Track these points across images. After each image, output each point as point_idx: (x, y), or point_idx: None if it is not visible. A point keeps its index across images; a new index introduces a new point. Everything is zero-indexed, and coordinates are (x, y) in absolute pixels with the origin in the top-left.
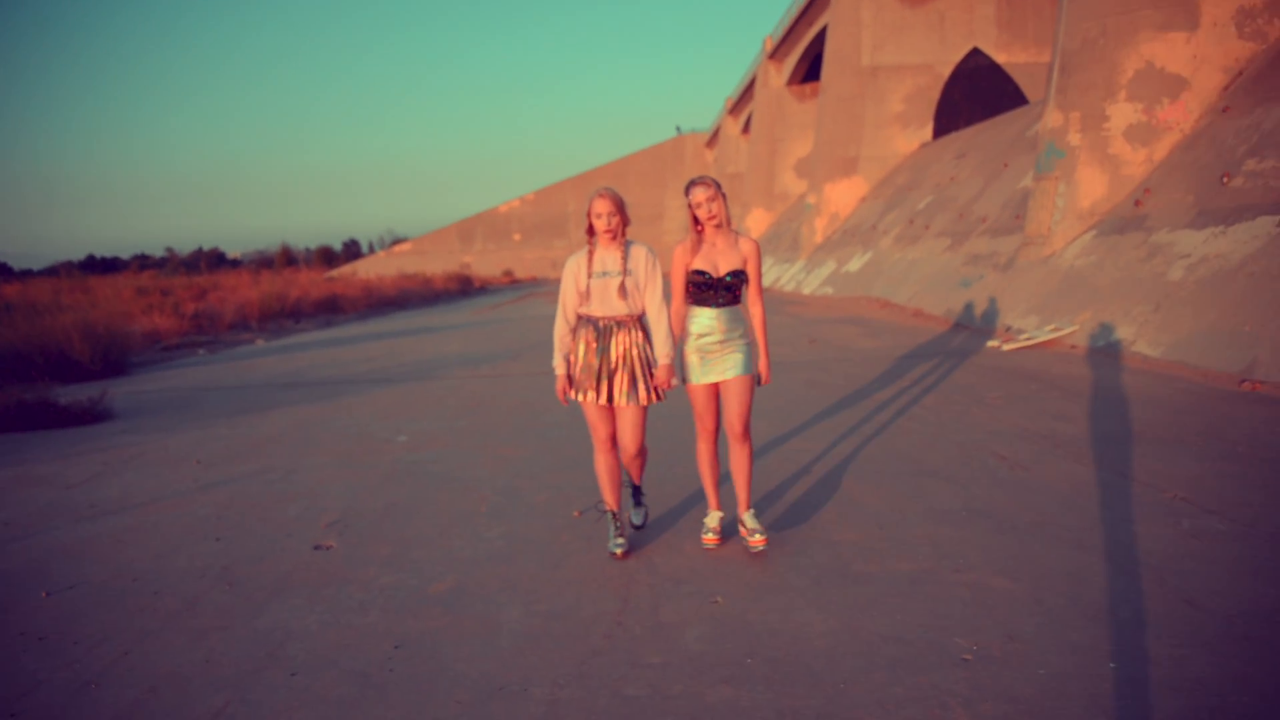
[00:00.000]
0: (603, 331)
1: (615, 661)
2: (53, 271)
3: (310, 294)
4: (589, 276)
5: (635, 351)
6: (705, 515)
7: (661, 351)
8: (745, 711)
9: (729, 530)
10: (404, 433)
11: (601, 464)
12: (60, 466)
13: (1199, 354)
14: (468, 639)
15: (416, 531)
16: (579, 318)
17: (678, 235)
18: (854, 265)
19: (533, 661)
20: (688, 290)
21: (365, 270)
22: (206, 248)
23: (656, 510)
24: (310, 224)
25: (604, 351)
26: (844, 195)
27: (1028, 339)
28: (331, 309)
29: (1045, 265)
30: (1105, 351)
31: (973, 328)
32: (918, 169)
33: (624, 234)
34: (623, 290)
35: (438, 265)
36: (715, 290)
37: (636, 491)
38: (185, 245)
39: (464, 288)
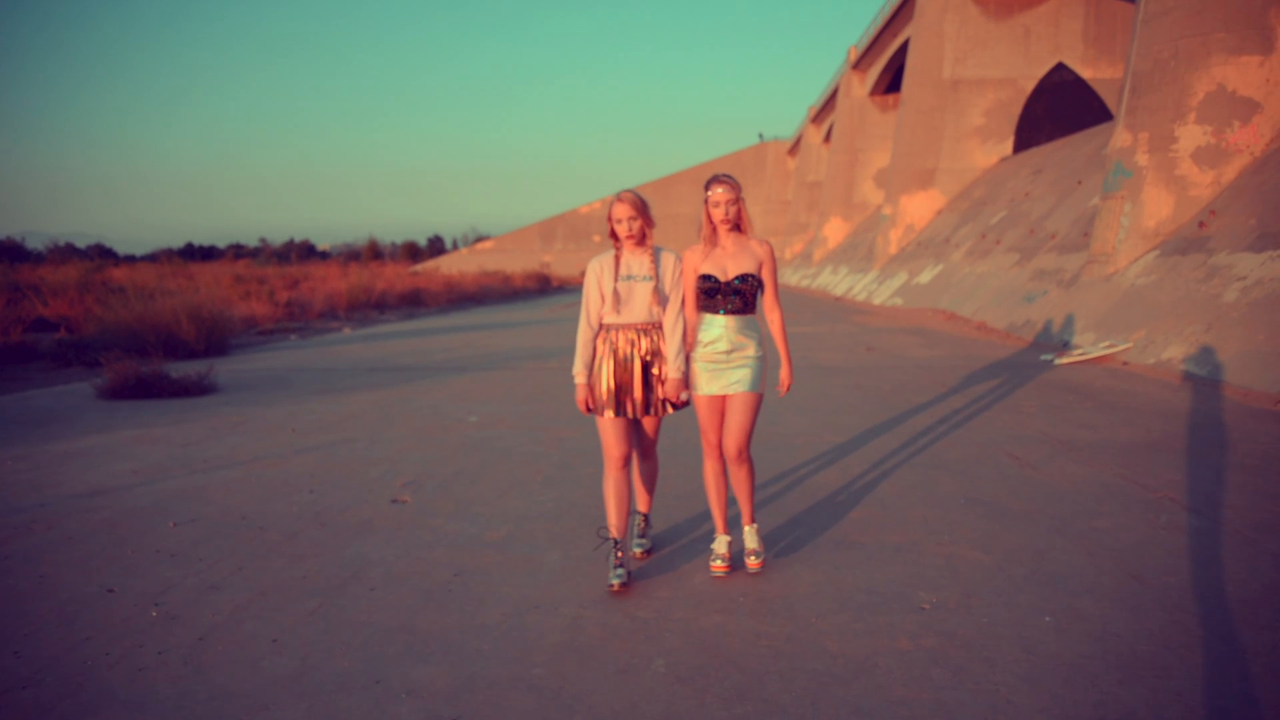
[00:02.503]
0: (625, 341)
1: (632, 593)
2: (153, 258)
3: (395, 287)
4: (615, 280)
5: (661, 362)
6: (713, 540)
7: (674, 364)
8: (730, 634)
9: (739, 558)
10: (475, 414)
11: (611, 485)
12: (174, 429)
13: (1242, 374)
14: (514, 572)
15: (479, 493)
16: (602, 326)
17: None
18: (924, 277)
19: (564, 590)
20: (696, 296)
21: (448, 266)
22: (297, 239)
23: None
24: (397, 219)
25: (629, 361)
26: (920, 208)
27: (1081, 354)
28: (414, 302)
29: (1107, 283)
30: (1153, 369)
31: (1032, 342)
32: (994, 183)
33: (650, 238)
34: (655, 295)
35: (518, 264)
36: (724, 296)
37: (644, 520)
38: (277, 236)
39: (542, 286)
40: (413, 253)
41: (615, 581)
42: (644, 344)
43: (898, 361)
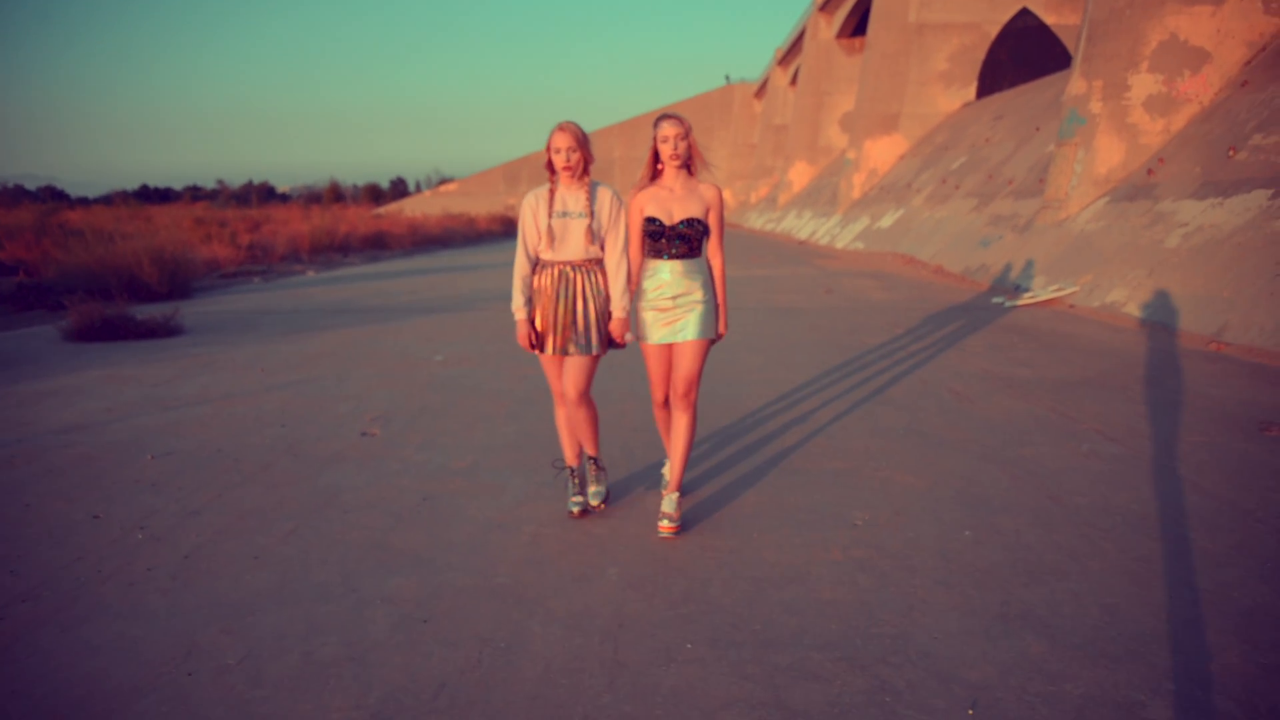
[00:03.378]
0: (560, 277)
1: (589, 516)
2: (107, 200)
3: (358, 230)
4: (550, 216)
5: (597, 299)
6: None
7: (617, 303)
8: (677, 547)
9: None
10: (440, 353)
11: (560, 416)
12: (144, 369)
13: (1180, 317)
14: (479, 497)
15: (445, 426)
16: (538, 261)
17: (722, 185)
18: (886, 222)
19: (526, 512)
20: (641, 239)
21: (411, 209)
22: (256, 181)
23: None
24: (358, 161)
25: (562, 299)
26: (884, 152)
27: (1031, 297)
28: (378, 245)
29: (1059, 228)
30: (1098, 311)
31: (985, 285)
32: (956, 129)
33: (587, 173)
34: (589, 233)
35: (482, 206)
36: (668, 240)
37: (595, 464)
38: (235, 178)
39: (507, 229)
40: (375, 195)
41: (574, 508)
42: (579, 281)
43: (855, 304)
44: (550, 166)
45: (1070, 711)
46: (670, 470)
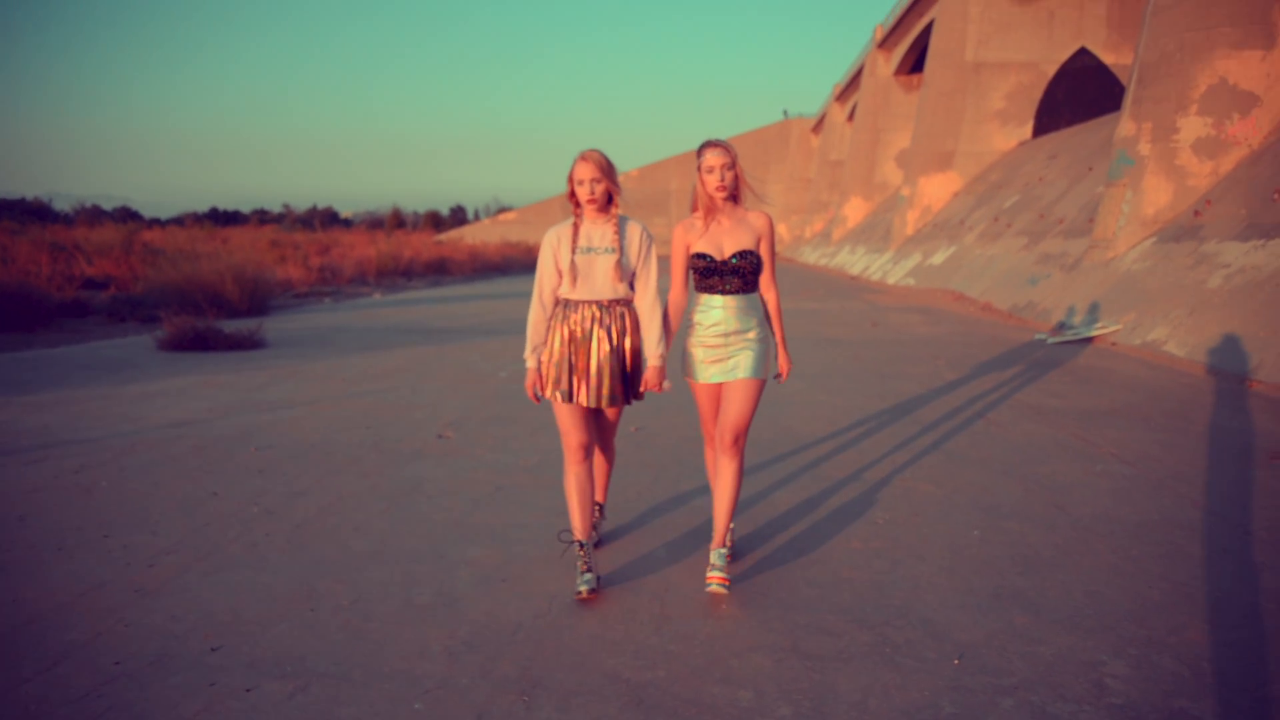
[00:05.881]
0: (584, 319)
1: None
2: (179, 221)
3: (421, 255)
4: (573, 252)
5: (627, 343)
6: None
7: (653, 351)
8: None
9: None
10: (504, 370)
11: (573, 480)
12: (236, 376)
13: (1217, 355)
14: (544, 489)
15: (514, 432)
16: (557, 301)
17: (776, 219)
18: (938, 259)
19: None
20: (690, 276)
21: (471, 236)
22: (320, 206)
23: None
24: (418, 188)
25: (585, 343)
26: (938, 189)
27: (1073, 334)
28: (440, 270)
29: (1106, 268)
30: (1139, 349)
31: (1031, 322)
32: (1011, 167)
33: (615, 205)
34: (618, 269)
35: (540, 235)
36: (721, 276)
37: (598, 511)
38: (299, 202)
39: None
40: (436, 222)
41: (583, 589)
42: (606, 322)
43: (900, 337)
44: (574, 199)
45: (1041, 665)
46: (715, 522)
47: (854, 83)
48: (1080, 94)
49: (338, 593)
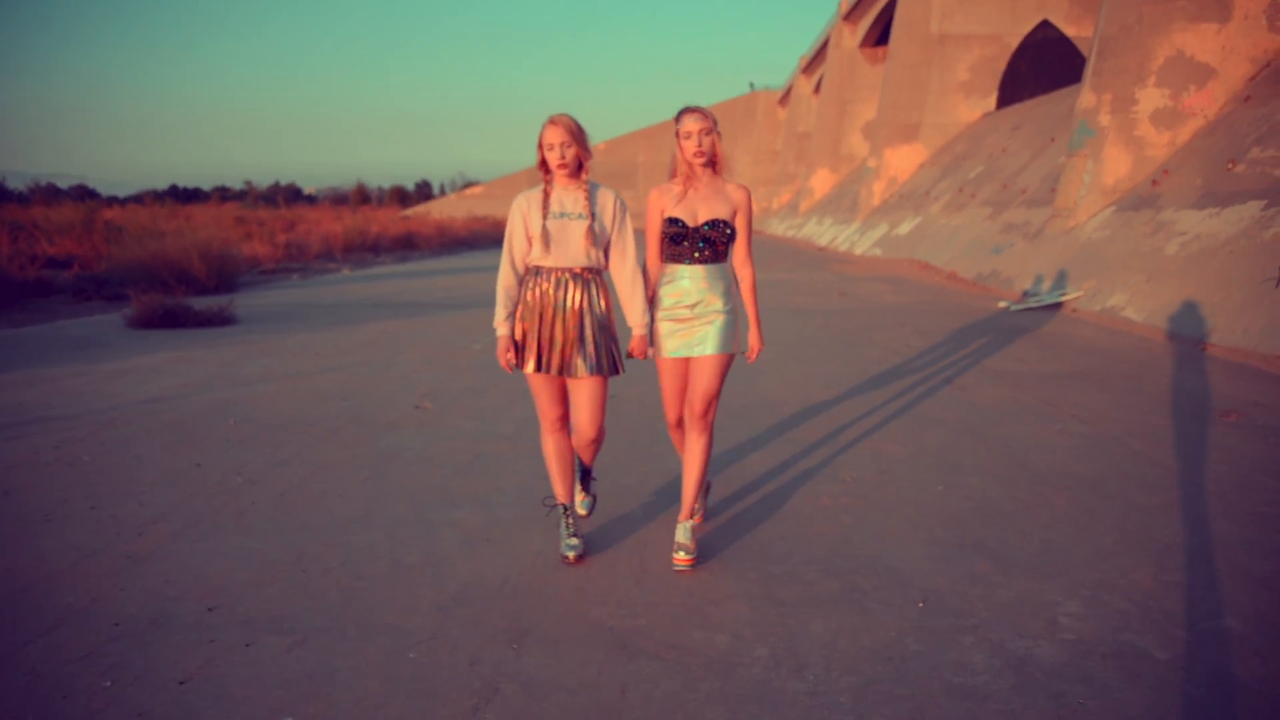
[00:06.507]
0: (557, 286)
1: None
2: (138, 199)
3: (388, 231)
4: (544, 218)
5: (599, 311)
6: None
7: (637, 319)
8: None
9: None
10: (477, 342)
11: (550, 448)
12: (208, 353)
13: (1173, 320)
14: (522, 456)
15: (490, 403)
16: (528, 269)
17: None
18: (904, 229)
19: None
20: (661, 243)
21: (438, 211)
22: (283, 182)
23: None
24: (382, 164)
25: (559, 311)
26: (903, 161)
27: (1035, 301)
28: (407, 245)
29: (1067, 236)
30: (1098, 315)
31: (995, 290)
32: (975, 139)
33: (585, 171)
34: (591, 235)
35: (507, 209)
36: (691, 243)
37: (585, 475)
38: (261, 179)
39: None
40: (401, 197)
41: (570, 553)
42: (577, 291)
43: (868, 306)
44: (544, 165)
45: (999, 606)
46: (684, 495)
47: (820, 55)
48: (1043, 66)
49: (326, 556)
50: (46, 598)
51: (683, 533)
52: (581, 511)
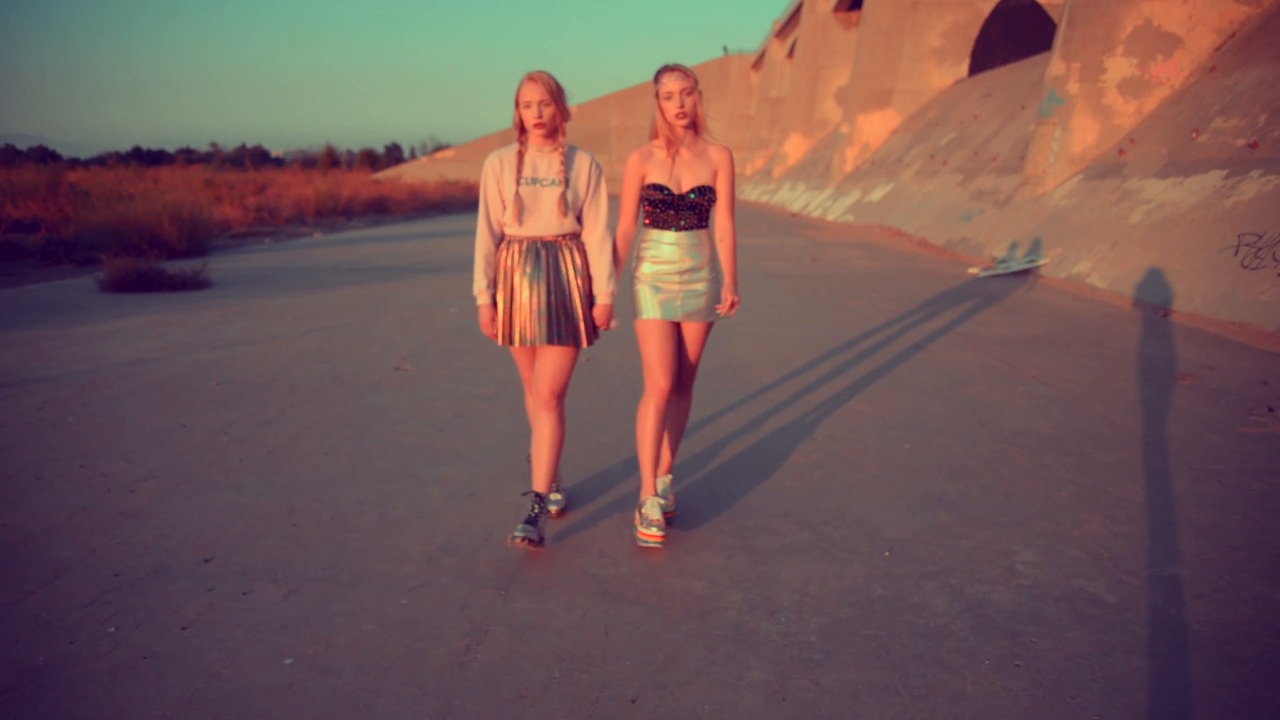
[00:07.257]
0: (530, 254)
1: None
2: (101, 161)
3: (360, 195)
4: (517, 183)
5: (576, 280)
6: (641, 505)
7: (603, 288)
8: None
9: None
10: (454, 306)
11: (542, 431)
12: (185, 316)
13: (1137, 287)
14: (502, 415)
15: (468, 364)
16: (501, 236)
17: None
18: (876, 195)
19: None
20: (642, 209)
21: (409, 175)
22: (250, 144)
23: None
24: (352, 126)
25: (533, 280)
26: (876, 127)
27: (1003, 268)
28: (380, 209)
29: (1036, 204)
30: (1064, 282)
31: (964, 257)
32: (947, 105)
33: (562, 133)
34: (563, 203)
35: (479, 173)
36: (676, 210)
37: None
38: (227, 141)
39: None
40: (371, 160)
41: (518, 535)
42: (552, 259)
43: (839, 271)
44: (520, 126)
45: (960, 554)
46: (661, 457)
47: (794, 19)
48: (1015, 33)
49: (316, 509)
50: (44, 551)
51: (651, 507)
52: (552, 509)
